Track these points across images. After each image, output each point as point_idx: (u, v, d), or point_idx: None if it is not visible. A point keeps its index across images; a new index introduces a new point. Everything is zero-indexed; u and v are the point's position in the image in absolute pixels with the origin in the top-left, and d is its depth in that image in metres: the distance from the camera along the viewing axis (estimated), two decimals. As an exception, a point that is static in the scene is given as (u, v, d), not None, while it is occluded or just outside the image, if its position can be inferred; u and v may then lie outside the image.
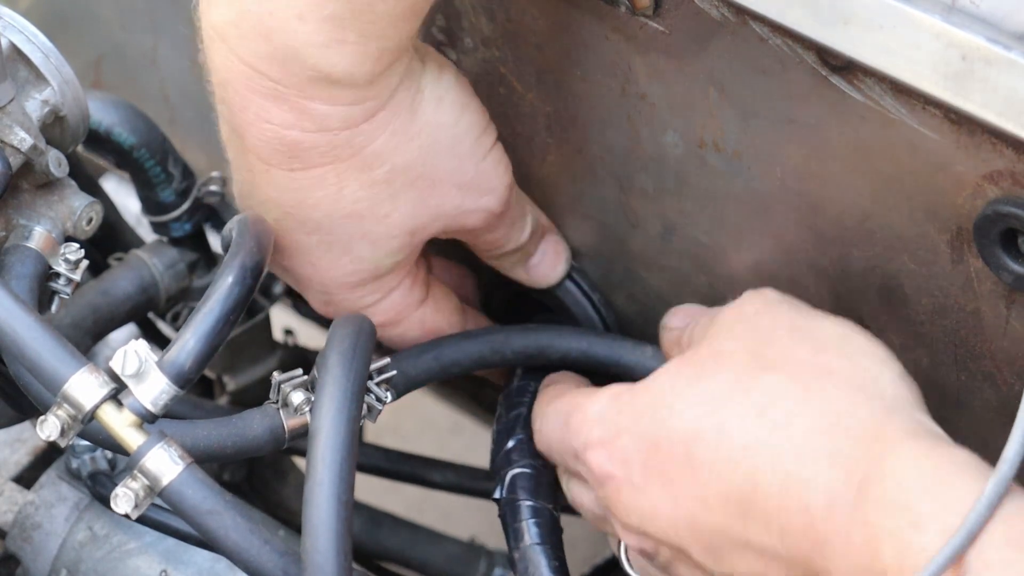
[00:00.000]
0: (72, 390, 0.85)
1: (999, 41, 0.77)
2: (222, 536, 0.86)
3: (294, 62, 0.91)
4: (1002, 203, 0.83)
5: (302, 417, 0.96)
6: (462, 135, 1.01)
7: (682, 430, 0.91)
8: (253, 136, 0.96)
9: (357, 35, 0.91)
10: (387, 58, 0.93)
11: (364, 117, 0.95)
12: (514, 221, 1.07)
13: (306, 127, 0.94)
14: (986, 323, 0.90)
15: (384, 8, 0.90)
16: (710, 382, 0.91)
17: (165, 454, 0.86)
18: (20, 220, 0.98)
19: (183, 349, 0.87)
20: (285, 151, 0.96)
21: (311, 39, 0.90)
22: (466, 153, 1.01)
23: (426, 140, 0.99)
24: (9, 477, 1.14)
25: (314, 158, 0.96)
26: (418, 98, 0.98)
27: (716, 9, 0.90)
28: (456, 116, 1.01)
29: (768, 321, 0.94)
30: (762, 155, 0.94)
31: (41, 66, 0.98)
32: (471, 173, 1.02)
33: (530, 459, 1.05)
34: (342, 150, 0.96)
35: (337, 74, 0.92)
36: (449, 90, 1.00)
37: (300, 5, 0.89)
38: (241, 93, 0.94)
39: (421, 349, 1.07)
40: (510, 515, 1.02)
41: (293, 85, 0.92)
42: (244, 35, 0.91)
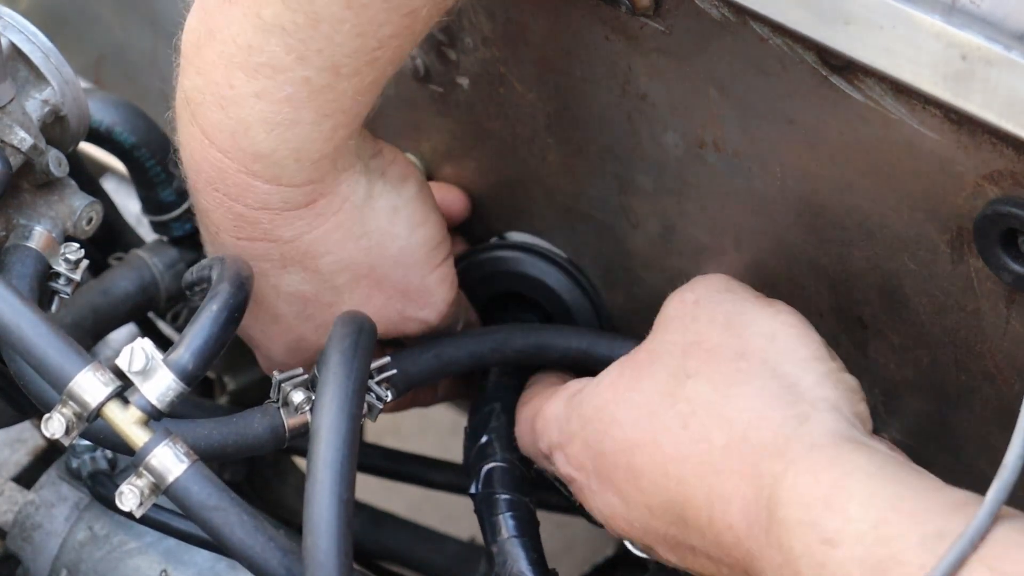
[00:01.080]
0: (78, 387, 0.85)
1: (999, 41, 0.77)
2: (227, 533, 0.86)
3: (243, 137, 0.91)
4: (1002, 203, 0.83)
5: (303, 416, 0.96)
6: (413, 248, 1.02)
7: (622, 439, 0.93)
8: (204, 200, 0.97)
9: (313, 115, 0.91)
10: (340, 136, 0.93)
11: (305, 201, 0.95)
12: (446, 329, 1.08)
13: (249, 203, 0.95)
14: (986, 323, 0.90)
15: (347, 87, 0.90)
16: (645, 387, 0.93)
17: (170, 451, 0.86)
18: (20, 220, 0.98)
19: (190, 347, 0.88)
20: (232, 220, 0.96)
21: (264, 117, 0.90)
22: (414, 265, 1.02)
23: (374, 244, 1.00)
24: (9, 477, 1.14)
25: (257, 233, 0.97)
26: (370, 202, 0.99)
27: (716, 9, 0.90)
28: (410, 230, 1.01)
29: (705, 314, 0.95)
30: (762, 155, 0.94)
31: (41, 66, 0.98)
32: (415, 284, 1.03)
33: (505, 453, 1.05)
34: (284, 231, 0.97)
35: (284, 152, 0.92)
36: (409, 202, 1.01)
37: (259, 85, 0.89)
38: (195, 159, 0.95)
39: (421, 348, 1.07)
40: (486, 509, 1.02)
41: (238, 159, 0.92)
42: (204, 103, 0.92)
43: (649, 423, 0.92)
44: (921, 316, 0.93)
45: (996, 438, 0.94)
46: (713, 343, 0.93)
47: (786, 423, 0.86)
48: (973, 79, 0.78)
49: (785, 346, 0.91)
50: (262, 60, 0.88)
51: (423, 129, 1.14)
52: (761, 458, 0.85)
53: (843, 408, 0.88)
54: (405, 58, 0.93)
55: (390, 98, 1.14)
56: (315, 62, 0.88)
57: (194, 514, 0.86)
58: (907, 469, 0.83)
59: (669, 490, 0.90)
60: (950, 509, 0.77)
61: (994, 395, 0.93)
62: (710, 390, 0.90)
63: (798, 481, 0.82)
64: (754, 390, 0.89)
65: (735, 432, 0.87)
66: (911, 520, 0.77)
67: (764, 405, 0.87)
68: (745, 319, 0.94)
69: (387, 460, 1.27)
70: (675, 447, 0.90)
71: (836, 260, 0.95)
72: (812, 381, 0.89)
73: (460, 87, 1.09)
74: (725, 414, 0.88)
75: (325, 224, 0.97)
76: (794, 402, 0.87)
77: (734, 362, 0.91)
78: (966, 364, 0.93)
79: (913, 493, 0.79)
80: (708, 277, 0.99)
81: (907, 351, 0.95)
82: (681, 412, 0.90)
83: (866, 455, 0.82)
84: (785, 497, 0.81)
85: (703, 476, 0.87)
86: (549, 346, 1.08)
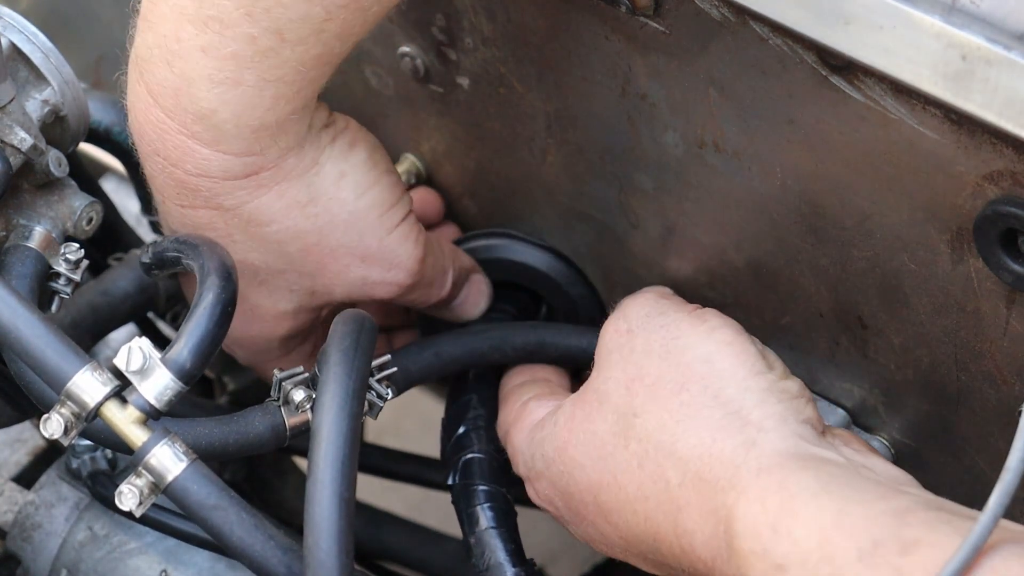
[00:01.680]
0: (76, 388, 0.85)
1: (999, 41, 0.77)
2: (227, 532, 0.86)
3: (186, 95, 0.91)
4: (1002, 203, 0.83)
5: (303, 415, 0.96)
6: (363, 211, 1.01)
7: (585, 480, 0.94)
8: (148, 167, 0.97)
9: (256, 78, 0.90)
10: (282, 108, 0.93)
11: (245, 172, 0.95)
12: (431, 284, 1.07)
13: (188, 169, 0.95)
14: (986, 323, 0.90)
15: (291, 55, 0.90)
16: (597, 428, 0.94)
17: (169, 450, 0.86)
18: (20, 220, 0.98)
19: (186, 345, 0.88)
20: (174, 186, 0.96)
21: (209, 73, 0.90)
22: (367, 229, 1.01)
23: (321, 211, 0.99)
24: (9, 477, 1.14)
25: (198, 200, 0.97)
26: (315, 169, 0.98)
27: (716, 9, 0.90)
28: (358, 193, 1.00)
29: (641, 344, 0.95)
30: (762, 155, 0.94)
31: (41, 66, 0.98)
32: (374, 248, 1.02)
33: (482, 444, 1.05)
34: (225, 199, 0.96)
35: (224, 114, 0.92)
36: (356, 167, 1.00)
37: (206, 38, 0.89)
38: (139, 121, 0.95)
39: (421, 346, 1.07)
40: (464, 500, 1.03)
41: (179, 118, 0.92)
42: (152, 59, 0.92)
43: (608, 464, 0.93)
44: (921, 316, 0.93)
45: (996, 438, 0.94)
46: (653, 376, 0.93)
47: (735, 453, 0.86)
48: (973, 79, 0.78)
49: (724, 368, 0.92)
50: (211, 13, 0.88)
51: (423, 129, 1.14)
52: (715, 492, 0.85)
53: (789, 420, 0.88)
54: (355, 37, 0.92)
55: (390, 98, 1.14)
56: (262, 21, 0.88)
57: (193, 513, 0.86)
58: (855, 478, 0.83)
59: (639, 526, 0.91)
60: (889, 516, 0.77)
61: (994, 395, 0.93)
62: (658, 428, 0.91)
63: (748, 510, 0.82)
64: (700, 423, 0.89)
65: (689, 469, 0.88)
66: (850, 535, 0.77)
67: (712, 438, 0.88)
68: (681, 343, 0.94)
69: (387, 460, 1.27)
70: (636, 487, 0.91)
71: (836, 260, 0.95)
72: (754, 401, 0.90)
73: (460, 87, 1.09)
74: (676, 452, 0.89)
75: (267, 193, 0.97)
76: (741, 427, 0.88)
77: (677, 395, 0.91)
78: (966, 364, 0.93)
79: (856, 506, 0.79)
80: (637, 299, 0.99)
81: (907, 351, 0.95)
82: (635, 452, 0.91)
83: (813, 472, 0.83)
84: (739, 528, 0.82)
85: (667, 513, 0.88)
86: (548, 344, 1.08)
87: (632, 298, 0.99)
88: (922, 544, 0.75)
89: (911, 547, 0.75)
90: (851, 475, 0.83)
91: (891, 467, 0.90)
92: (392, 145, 1.16)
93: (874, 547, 0.76)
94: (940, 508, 0.79)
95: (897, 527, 0.76)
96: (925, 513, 0.77)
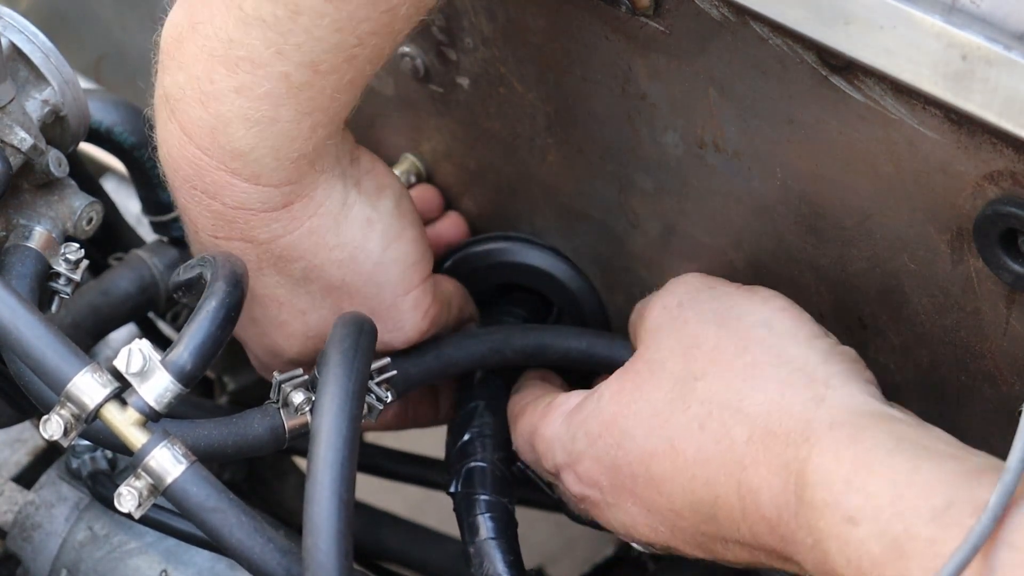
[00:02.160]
0: (76, 389, 0.85)
1: (999, 41, 0.77)
2: (226, 534, 0.86)
3: (223, 134, 0.91)
4: (1002, 203, 0.83)
5: (302, 417, 0.96)
6: (387, 265, 1.00)
7: (637, 450, 0.93)
8: (182, 198, 0.97)
9: (293, 113, 0.90)
10: (318, 135, 0.93)
11: (283, 203, 0.95)
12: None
13: (227, 202, 0.94)
14: (986, 323, 0.90)
15: (324, 84, 0.90)
16: (652, 396, 0.93)
17: (169, 453, 0.86)
18: (20, 220, 0.98)
19: (187, 347, 0.87)
20: (210, 218, 0.96)
21: (244, 114, 0.90)
22: (387, 284, 1.01)
23: (347, 258, 0.99)
24: (9, 477, 1.14)
25: (234, 233, 0.96)
26: (345, 211, 0.98)
27: (716, 9, 0.90)
28: (384, 246, 1.00)
29: (694, 316, 0.95)
30: (762, 155, 0.94)
31: (41, 66, 0.98)
32: (386, 305, 1.02)
33: (486, 453, 1.05)
34: (259, 232, 0.96)
35: (262, 150, 0.92)
36: (384, 216, 1.00)
37: (239, 79, 0.89)
38: (174, 157, 0.94)
39: (421, 349, 1.07)
40: (465, 509, 1.02)
41: (216, 156, 0.92)
42: (185, 99, 0.92)
43: (664, 431, 0.92)
44: (921, 316, 0.93)
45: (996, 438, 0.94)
46: (712, 343, 0.93)
47: (806, 407, 0.86)
48: (973, 79, 0.78)
49: (784, 330, 0.92)
50: (242, 54, 0.88)
51: (423, 129, 1.14)
52: (786, 446, 0.85)
53: (855, 378, 0.89)
54: (385, 58, 0.92)
55: (390, 98, 1.14)
56: (294, 57, 0.88)
57: (193, 515, 0.86)
58: (926, 437, 0.83)
59: (696, 492, 0.90)
60: (962, 478, 0.78)
61: (994, 395, 0.93)
62: (723, 388, 0.90)
63: (822, 462, 0.82)
64: (767, 381, 0.89)
65: (756, 425, 0.88)
66: (924, 493, 0.77)
67: (780, 394, 0.88)
68: (736, 312, 0.94)
69: (387, 460, 1.27)
70: (696, 450, 0.90)
71: (836, 260, 0.95)
72: (819, 359, 0.90)
73: (460, 87, 1.09)
74: (744, 409, 0.89)
75: (300, 228, 0.97)
76: (808, 384, 0.88)
77: (739, 357, 0.91)
78: (966, 364, 0.93)
79: (930, 464, 0.79)
80: (684, 279, 0.99)
81: (907, 351, 0.95)
82: (697, 414, 0.91)
83: (885, 428, 0.83)
84: (811, 479, 0.82)
85: (730, 473, 0.88)
86: (549, 347, 1.08)
87: (677, 279, 0.99)
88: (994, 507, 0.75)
89: (983, 509, 0.75)
90: (921, 433, 0.83)
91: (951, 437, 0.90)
92: (392, 145, 1.16)
93: (947, 507, 0.76)
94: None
95: (971, 488, 0.76)
96: (996, 475, 0.77)
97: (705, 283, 0.98)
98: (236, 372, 1.28)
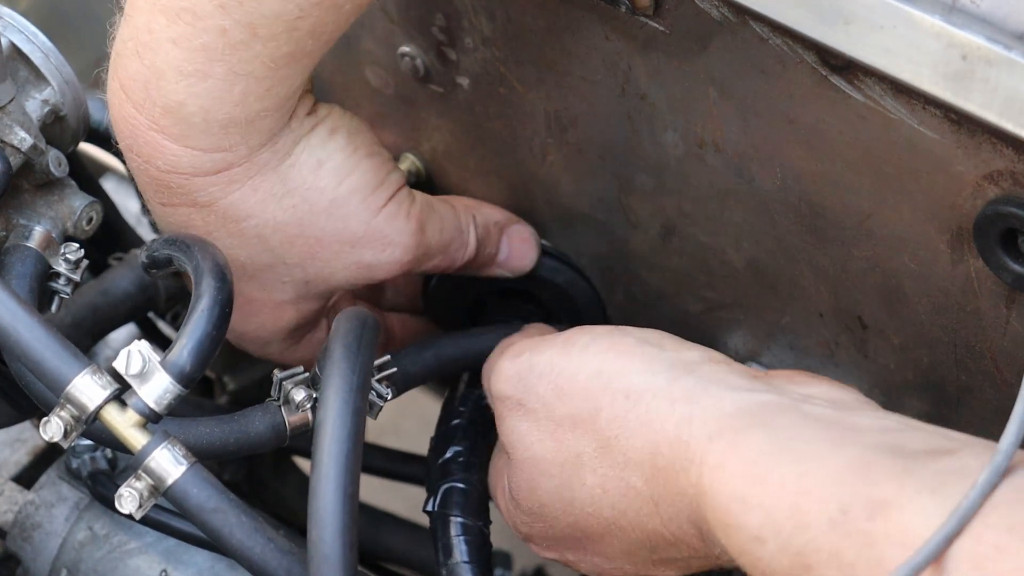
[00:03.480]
0: (75, 391, 0.85)
1: (999, 41, 0.77)
2: (226, 535, 0.86)
3: (155, 86, 0.91)
4: (1002, 203, 0.83)
5: (303, 414, 0.96)
6: (345, 197, 1.00)
7: (565, 526, 0.95)
8: (129, 164, 0.97)
9: (225, 71, 0.90)
10: (251, 104, 0.92)
11: (214, 169, 0.95)
12: (444, 249, 1.06)
13: (159, 165, 0.94)
14: (986, 323, 0.90)
15: (262, 49, 0.90)
16: (549, 488, 0.95)
17: (169, 454, 0.86)
18: (20, 220, 0.98)
19: (185, 348, 0.87)
20: (151, 184, 0.96)
21: (178, 64, 0.90)
22: (351, 214, 1.00)
23: (299, 202, 0.98)
24: (9, 477, 1.14)
25: (175, 198, 0.96)
26: (289, 161, 0.97)
27: (716, 9, 0.90)
28: (337, 180, 0.99)
29: (536, 402, 0.95)
30: (762, 155, 0.94)
31: (41, 66, 0.98)
32: (360, 232, 1.01)
33: (466, 473, 1.04)
34: (198, 195, 0.96)
35: (191, 107, 0.91)
36: (333, 153, 0.99)
37: (178, 30, 0.89)
38: (114, 117, 0.95)
39: (421, 346, 1.07)
40: (441, 529, 1.02)
41: (148, 112, 0.92)
42: (126, 52, 0.92)
43: (576, 508, 0.93)
44: (921, 316, 0.93)
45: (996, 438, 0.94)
46: (567, 417, 0.93)
47: (679, 430, 0.86)
48: (973, 79, 0.78)
49: (616, 370, 0.92)
50: (185, 5, 0.88)
51: (423, 129, 1.14)
52: (677, 475, 0.85)
53: (711, 384, 0.88)
54: (327, 38, 0.92)
55: (390, 98, 1.14)
56: (235, 14, 0.88)
57: (193, 516, 0.86)
58: (802, 423, 0.82)
59: (631, 537, 0.91)
60: (850, 474, 0.77)
61: (994, 395, 0.93)
62: (602, 450, 0.90)
63: (713, 483, 0.82)
64: (632, 423, 0.89)
65: (645, 467, 0.88)
66: (818, 499, 0.77)
67: (651, 430, 0.88)
68: (567, 375, 0.94)
69: (387, 460, 1.27)
70: (611, 508, 0.91)
71: (836, 260, 0.95)
72: (665, 380, 0.89)
73: (460, 87, 1.09)
74: (630, 459, 0.89)
75: (240, 188, 0.96)
76: (670, 407, 0.87)
77: (598, 415, 0.91)
78: (966, 364, 0.93)
79: (816, 464, 0.78)
80: (498, 374, 0.98)
81: (907, 351, 0.95)
82: (596, 484, 0.91)
83: (761, 427, 0.82)
84: (709, 503, 0.82)
85: (650, 515, 0.88)
86: None
87: (494, 376, 0.98)
88: (889, 506, 0.74)
89: (879, 510, 0.74)
90: (799, 419, 0.82)
91: (832, 387, 0.90)
92: (392, 145, 1.16)
93: (843, 514, 0.75)
94: (897, 451, 0.78)
95: (863, 486, 0.76)
96: (883, 462, 0.76)
97: (521, 365, 0.97)
98: (236, 372, 1.28)
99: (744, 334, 1.05)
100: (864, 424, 0.82)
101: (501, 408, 0.98)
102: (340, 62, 1.15)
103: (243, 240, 0.99)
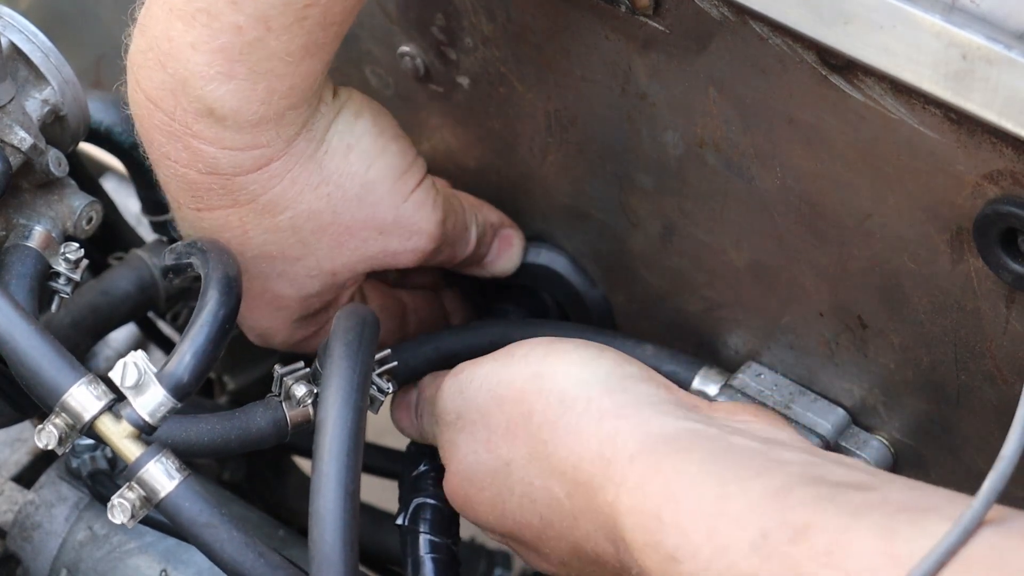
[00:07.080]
0: (71, 400, 0.86)
1: (999, 41, 0.77)
2: (217, 549, 0.86)
3: (183, 93, 0.91)
4: (1002, 203, 0.83)
5: (304, 409, 0.96)
6: (375, 182, 1.00)
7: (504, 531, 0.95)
8: (160, 173, 0.97)
9: (247, 71, 0.90)
10: (277, 102, 0.93)
11: (255, 166, 0.95)
12: (454, 244, 1.07)
13: (199, 168, 0.94)
14: (986, 323, 0.90)
15: (277, 45, 0.90)
16: (482, 498, 0.95)
17: (162, 467, 0.86)
18: (20, 219, 0.98)
19: (181, 362, 0.87)
20: (187, 190, 0.96)
21: (200, 70, 0.90)
22: (381, 199, 1.01)
23: (333, 188, 0.99)
24: (9, 477, 1.14)
25: (213, 200, 0.96)
26: (322, 148, 0.98)
27: (716, 9, 0.90)
28: (367, 164, 1.00)
29: (474, 413, 0.96)
30: (762, 155, 0.94)
31: (41, 66, 0.98)
32: (390, 218, 1.01)
33: (436, 489, 1.04)
34: (239, 195, 0.96)
35: (222, 110, 0.91)
36: (361, 137, 1.00)
37: (195, 34, 0.89)
38: (144, 127, 0.95)
39: (422, 341, 1.07)
40: (410, 545, 1.02)
41: (180, 119, 0.92)
42: (147, 63, 0.92)
43: (508, 518, 0.93)
44: (921, 316, 0.93)
45: (996, 438, 0.94)
46: (500, 424, 0.93)
47: (603, 446, 0.86)
48: (973, 78, 0.78)
49: (553, 373, 0.92)
50: (200, 6, 0.88)
51: (423, 129, 1.14)
52: (596, 492, 0.85)
53: (643, 403, 0.88)
54: (336, 28, 0.92)
55: (390, 98, 1.14)
56: (246, 8, 0.88)
57: (184, 530, 0.86)
58: (726, 453, 0.82)
59: (557, 549, 0.91)
60: (771, 500, 0.77)
61: (994, 395, 0.93)
62: (531, 458, 0.90)
63: (631, 502, 0.82)
64: (562, 433, 0.89)
65: (567, 479, 0.88)
66: (737, 523, 0.77)
67: (576, 442, 0.88)
68: (504, 382, 0.94)
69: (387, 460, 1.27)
70: (539, 519, 0.91)
71: (836, 260, 0.95)
72: (600, 390, 0.89)
73: (460, 87, 1.09)
74: (555, 468, 0.89)
75: (280, 183, 0.96)
76: (599, 421, 0.87)
77: (529, 421, 0.91)
78: (966, 364, 0.93)
79: (736, 487, 0.79)
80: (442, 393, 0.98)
81: (907, 351, 0.95)
82: (524, 493, 0.91)
83: (685, 451, 0.82)
84: (625, 523, 0.82)
85: (571, 529, 0.88)
86: None
87: (438, 395, 0.99)
88: (811, 529, 0.74)
89: (800, 533, 0.74)
90: (723, 448, 0.83)
91: (770, 424, 0.90)
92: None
93: (764, 538, 0.75)
94: (818, 481, 0.78)
95: (782, 511, 0.76)
96: (804, 490, 0.77)
97: (460, 380, 0.97)
98: (236, 372, 1.28)
99: (744, 334, 1.05)
100: (788, 457, 0.82)
101: (442, 424, 0.98)
102: (340, 62, 1.15)
103: (277, 234, 0.99)
